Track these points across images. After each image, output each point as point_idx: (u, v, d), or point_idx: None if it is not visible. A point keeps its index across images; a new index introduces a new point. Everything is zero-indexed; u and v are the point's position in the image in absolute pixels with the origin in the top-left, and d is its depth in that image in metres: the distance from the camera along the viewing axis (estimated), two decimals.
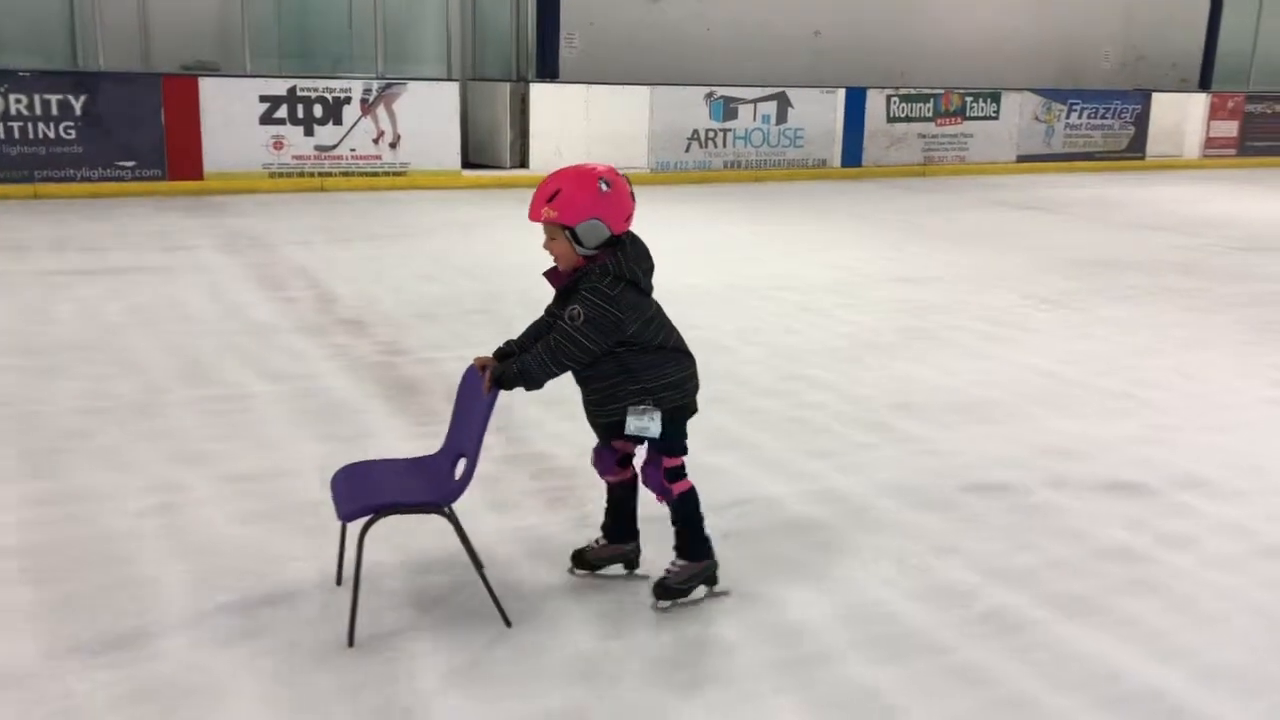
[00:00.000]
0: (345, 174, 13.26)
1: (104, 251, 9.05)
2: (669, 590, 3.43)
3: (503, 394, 3.20)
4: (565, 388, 3.46)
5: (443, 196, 13.04)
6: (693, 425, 3.41)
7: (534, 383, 3.19)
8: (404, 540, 3.78)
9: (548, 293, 3.37)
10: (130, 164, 12.23)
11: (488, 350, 3.41)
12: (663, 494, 3.39)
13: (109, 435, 4.83)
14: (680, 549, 3.46)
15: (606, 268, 3.15)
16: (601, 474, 3.52)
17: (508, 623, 3.29)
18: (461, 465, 3.31)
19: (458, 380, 3.46)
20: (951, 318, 7.50)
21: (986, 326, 7.30)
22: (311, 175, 13.11)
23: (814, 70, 16.96)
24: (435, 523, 3.36)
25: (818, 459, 4.79)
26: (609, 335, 3.15)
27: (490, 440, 3.75)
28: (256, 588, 3.51)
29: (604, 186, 3.15)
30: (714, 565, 3.49)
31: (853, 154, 16.52)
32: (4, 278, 7.92)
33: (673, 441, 3.34)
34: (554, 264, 3.27)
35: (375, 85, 13.35)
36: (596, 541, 3.63)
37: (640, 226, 3.28)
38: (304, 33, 14.54)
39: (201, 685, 2.99)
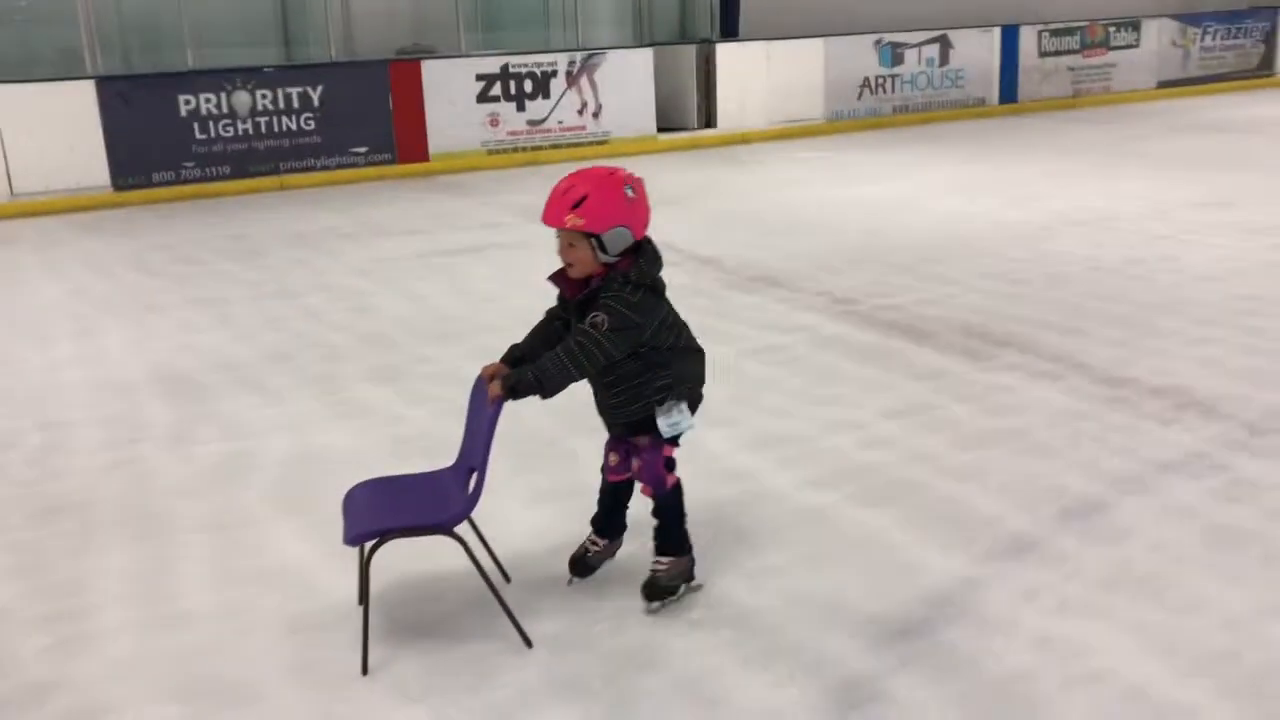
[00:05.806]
0: (555, 146, 13.57)
1: (432, 234, 9.41)
2: (661, 589, 3.33)
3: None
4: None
5: (650, 161, 13.30)
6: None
7: (551, 390, 3.07)
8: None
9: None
10: (363, 150, 12.56)
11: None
12: (656, 484, 3.30)
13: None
14: (663, 546, 3.37)
15: (628, 275, 3.08)
16: (612, 470, 3.41)
17: (528, 643, 3.15)
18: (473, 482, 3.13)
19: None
20: None
21: None
22: (524, 150, 13.44)
23: (967, 7, 17.17)
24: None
25: None
26: (631, 342, 3.09)
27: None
28: None
29: (629, 193, 3.06)
30: (693, 559, 3.41)
31: (1008, 91, 16.82)
32: (389, 264, 8.28)
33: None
34: (563, 268, 3.14)
35: (579, 57, 13.64)
36: (592, 542, 3.52)
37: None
38: (499, 6, 14.82)
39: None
